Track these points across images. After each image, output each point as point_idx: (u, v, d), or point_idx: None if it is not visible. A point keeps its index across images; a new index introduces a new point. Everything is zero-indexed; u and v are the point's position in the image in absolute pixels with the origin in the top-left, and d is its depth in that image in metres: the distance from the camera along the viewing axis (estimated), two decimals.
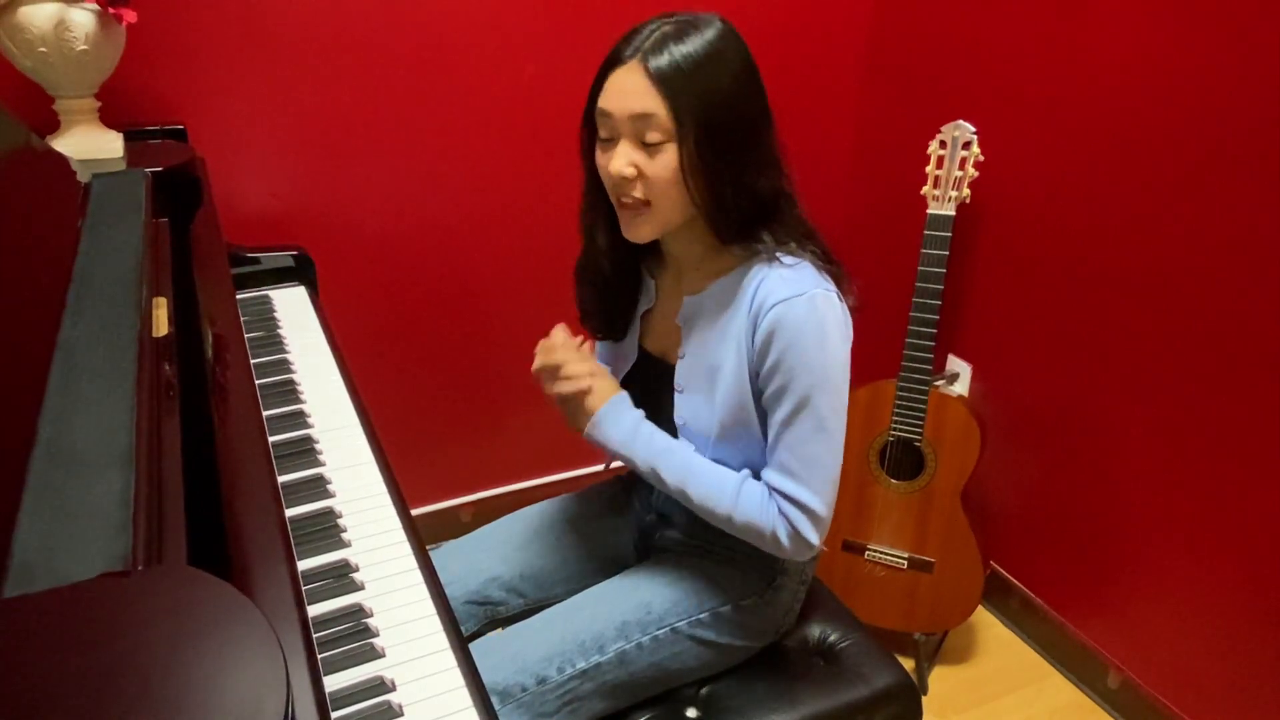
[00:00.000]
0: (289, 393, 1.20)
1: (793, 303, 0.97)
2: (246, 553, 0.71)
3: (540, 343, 1.11)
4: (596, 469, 2.21)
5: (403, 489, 1.04)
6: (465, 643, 0.85)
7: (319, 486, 1.02)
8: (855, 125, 2.14)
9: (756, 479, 1.05)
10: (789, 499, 1.00)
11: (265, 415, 1.07)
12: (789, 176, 1.03)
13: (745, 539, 1.06)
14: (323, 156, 1.68)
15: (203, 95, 1.55)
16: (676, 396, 1.09)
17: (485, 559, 1.21)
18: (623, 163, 0.96)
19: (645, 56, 0.93)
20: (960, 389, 1.92)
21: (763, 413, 1.04)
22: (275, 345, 1.32)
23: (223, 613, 0.43)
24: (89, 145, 1.33)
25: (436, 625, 0.86)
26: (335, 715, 0.74)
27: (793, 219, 1.03)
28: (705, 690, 1.14)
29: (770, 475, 1.02)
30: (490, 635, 1.17)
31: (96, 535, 0.52)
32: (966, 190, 1.64)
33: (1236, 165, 1.37)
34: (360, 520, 0.97)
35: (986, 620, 1.98)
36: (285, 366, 1.26)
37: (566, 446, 2.16)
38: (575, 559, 1.25)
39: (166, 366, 0.76)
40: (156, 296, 0.87)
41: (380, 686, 0.78)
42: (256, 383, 1.16)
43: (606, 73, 0.97)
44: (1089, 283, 1.63)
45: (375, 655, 0.81)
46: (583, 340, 1.13)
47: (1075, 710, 1.76)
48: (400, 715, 0.76)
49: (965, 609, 1.77)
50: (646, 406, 1.10)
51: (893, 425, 1.72)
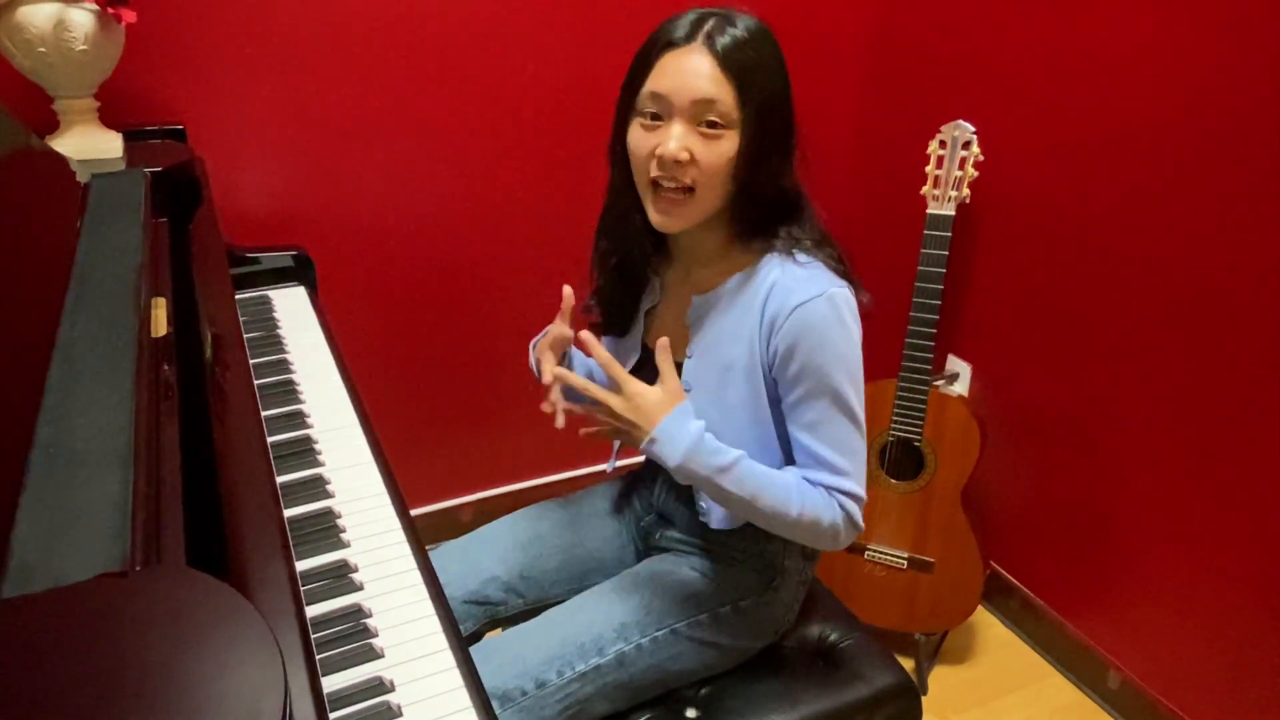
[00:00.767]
0: (288, 393, 1.20)
1: (814, 303, 0.97)
2: (245, 553, 0.71)
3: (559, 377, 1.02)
4: (596, 469, 2.21)
5: (402, 489, 1.04)
6: (464, 643, 0.85)
7: (318, 487, 1.02)
8: (855, 125, 2.14)
9: None
10: (842, 491, 1.00)
11: (264, 415, 1.07)
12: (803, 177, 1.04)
13: (796, 538, 1.04)
14: (322, 156, 1.68)
15: (202, 95, 1.55)
16: None
17: (484, 559, 1.21)
18: (678, 145, 0.94)
19: (711, 39, 0.93)
20: (960, 389, 1.92)
21: (777, 410, 1.04)
22: (274, 345, 1.32)
23: (221, 613, 0.43)
24: (88, 145, 1.33)
25: (436, 625, 0.85)
26: (334, 716, 0.74)
27: (811, 219, 1.05)
28: (705, 691, 1.14)
29: (817, 474, 1.01)
30: (489, 638, 1.17)
31: (95, 535, 0.52)
32: (966, 190, 1.64)
33: (1236, 164, 1.37)
34: (359, 520, 0.97)
35: (986, 620, 1.98)
36: (284, 367, 1.26)
37: (566, 446, 2.16)
38: (575, 559, 1.24)
39: (165, 367, 0.76)
40: (156, 297, 0.87)
41: (379, 687, 0.78)
42: (256, 383, 1.16)
43: (659, 54, 0.95)
44: (1089, 282, 1.63)
45: (374, 656, 0.81)
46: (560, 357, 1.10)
47: (1075, 710, 1.76)
48: (399, 716, 0.76)
49: (965, 609, 1.77)
50: None
51: (892, 425, 1.72)
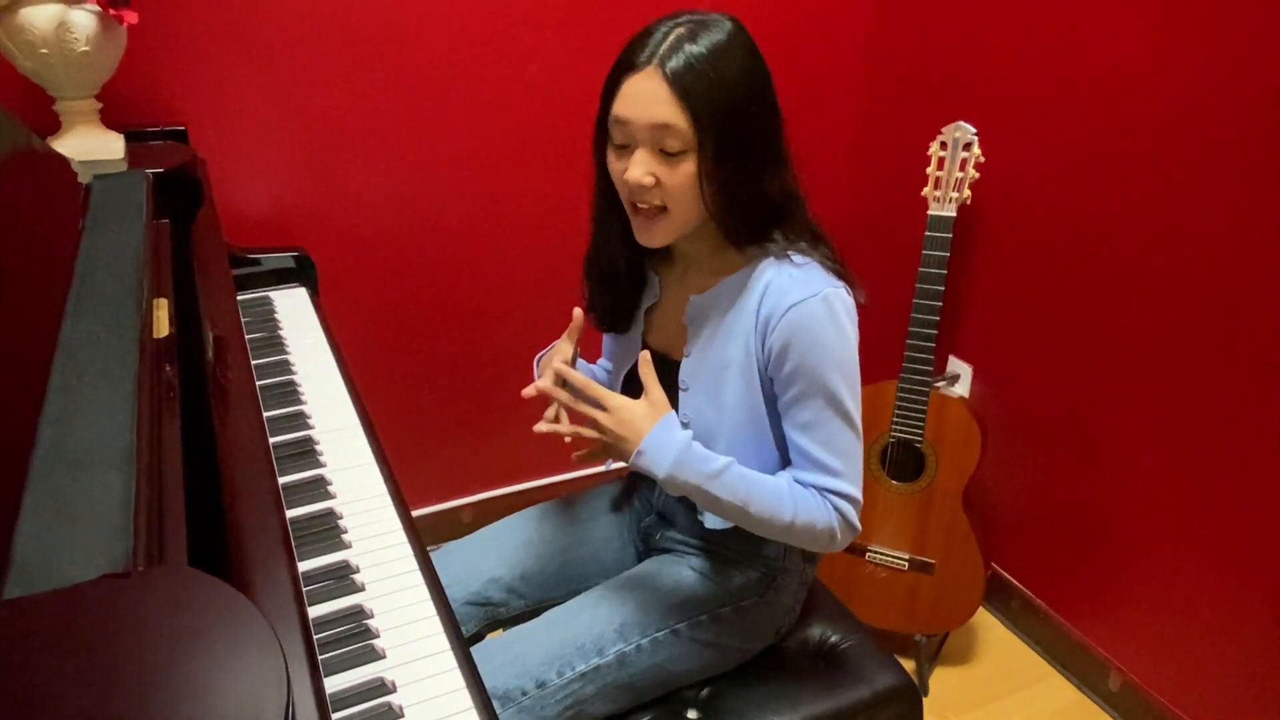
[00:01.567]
0: (290, 394, 1.20)
1: (808, 304, 0.96)
2: (247, 554, 0.71)
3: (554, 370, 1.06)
4: (597, 470, 2.21)
5: (403, 490, 1.04)
6: (466, 644, 0.85)
7: (319, 488, 1.02)
8: (856, 126, 2.14)
9: None
10: (836, 493, 1.00)
11: (266, 416, 1.07)
12: (796, 176, 1.03)
13: (792, 542, 1.04)
14: (324, 158, 1.68)
15: (204, 96, 1.56)
16: (680, 394, 1.09)
17: (485, 560, 1.22)
18: (640, 171, 0.94)
19: (663, 62, 0.90)
20: (961, 390, 1.92)
21: (773, 409, 1.04)
22: (276, 346, 1.32)
23: (223, 614, 0.43)
24: (90, 146, 1.33)
25: (437, 626, 0.86)
26: (336, 717, 0.74)
27: (802, 219, 1.03)
28: (706, 691, 1.14)
29: (812, 475, 1.01)
30: (490, 638, 1.17)
31: (97, 536, 0.52)
32: (967, 191, 1.64)
33: (1237, 167, 1.37)
34: (361, 521, 0.98)
35: (987, 621, 1.98)
36: (286, 368, 1.26)
37: (566, 448, 2.15)
38: (575, 560, 1.25)
39: (167, 368, 0.76)
40: (157, 298, 0.87)
41: (381, 688, 0.78)
42: (257, 384, 1.16)
43: (621, 78, 0.94)
44: (1090, 284, 1.63)
45: (376, 656, 0.81)
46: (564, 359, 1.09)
47: (1076, 711, 1.76)
48: (401, 717, 0.76)
49: (966, 610, 1.77)
50: None
51: (893, 426, 1.72)
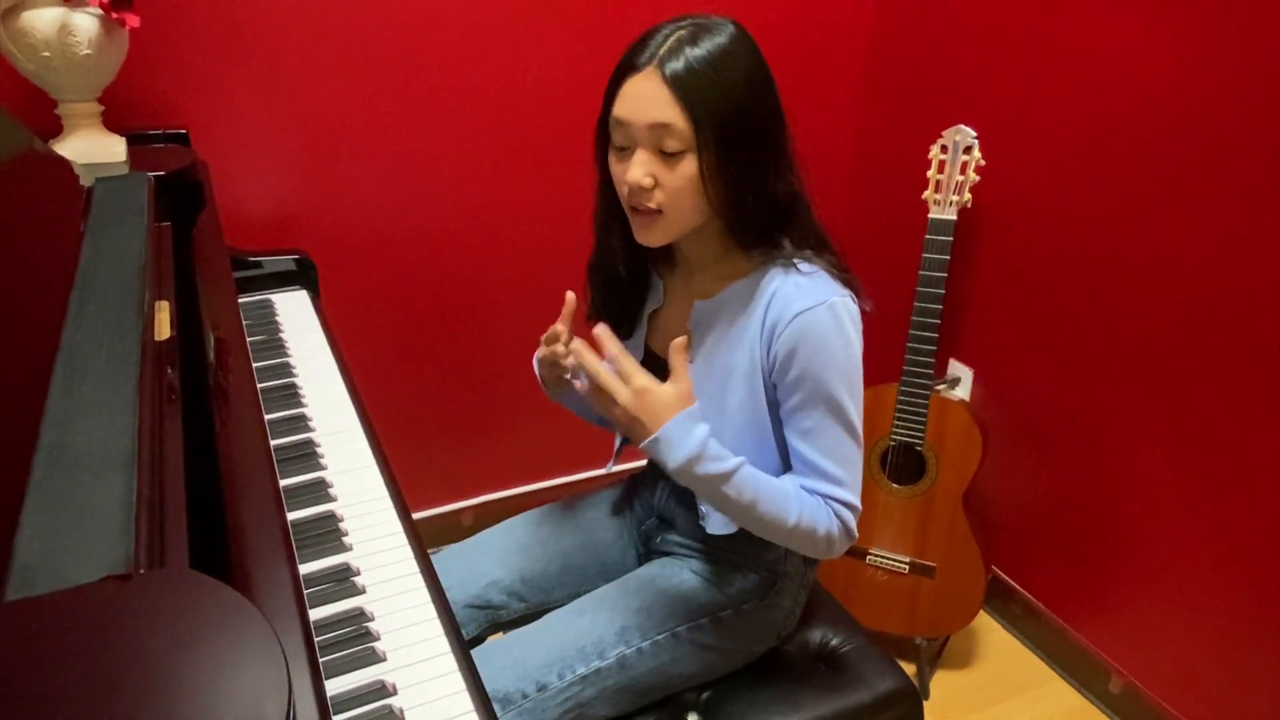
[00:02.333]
0: (291, 396, 1.20)
1: (815, 311, 0.96)
2: (248, 556, 0.71)
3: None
4: (597, 473, 2.21)
5: (404, 492, 1.04)
6: (466, 646, 0.85)
7: (320, 490, 1.02)
8: (856, 129, 2.15)
9: None
10: (836, 500, 1.00)
11: (267, 419, 1.07)
12: (802, 178, 1.02)
13: (789, 545, 1.03)
14: (325, 160, 1.69)
15: (205, 99, 1.56)
16: None
17: (486, 563, 1.21)
18: (640, 173, 0.94)
19: (662, 63, 0.90)
20: (962, 393, 1.92)
21: (776, 416, 1.03)
22: (277, 349, 1.32)
23: (224, 616, 0.43)
24: (92, 149, 1.34)
25: (438, 629, 0.86)
26: (337, 719, 0.74)
27: (808, 222, 1.03)
28: (706, 695, 1.14)
29: (814, 482, 1.01)
30: (491, 641, 1.17)
31: (98, 538, 0.52)
32: (968, 195, 1.64)
33: (1238, 170, 1.37)
34: (361, 524, 0.98)
35: (988, 625, 1.98)
36: (287, 370, 1.26)
37: (567, 450, 2.16)
38: (576, 563, 1.24)
39: (169, 370, 0.76)
40: (159, 300, 0.87)
41: (381, 690, 0.78)
42: (258, 386, 1.16)
43: (621, 80, 0.94)
44: (1090, 287, 1.63)
45: (376, 659, 0.81)
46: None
47: (1077, 715, 1.76)
48: (402, 719, 0.76)
49: (967, 614, 1.77)
50: None
51: (894, 430, 1.71)
